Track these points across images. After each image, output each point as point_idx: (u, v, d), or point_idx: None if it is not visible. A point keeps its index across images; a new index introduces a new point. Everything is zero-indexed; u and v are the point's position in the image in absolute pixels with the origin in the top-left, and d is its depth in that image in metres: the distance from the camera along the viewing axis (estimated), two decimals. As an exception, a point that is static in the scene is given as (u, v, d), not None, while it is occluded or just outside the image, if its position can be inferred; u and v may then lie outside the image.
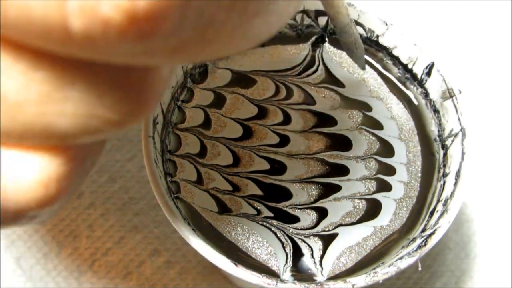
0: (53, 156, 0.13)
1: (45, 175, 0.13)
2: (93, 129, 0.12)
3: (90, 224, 0.36)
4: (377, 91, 0.32)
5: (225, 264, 0.24)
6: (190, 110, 0.31)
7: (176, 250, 0.36)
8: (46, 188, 0.13)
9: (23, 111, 0.11)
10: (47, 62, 0.11)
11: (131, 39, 0.10)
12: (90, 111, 0.12)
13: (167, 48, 0.11)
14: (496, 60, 0.43)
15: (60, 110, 0.12)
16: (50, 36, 0.10)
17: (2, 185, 0.13)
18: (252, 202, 0.29)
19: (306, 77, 0.32)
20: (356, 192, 0.29)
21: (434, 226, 0.27)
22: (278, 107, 0.31)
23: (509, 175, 0.39)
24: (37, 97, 0.11)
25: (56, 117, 0.12)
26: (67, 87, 0.11)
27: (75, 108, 0.12)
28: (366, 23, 0.32)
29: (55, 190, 0.13)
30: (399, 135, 0.31)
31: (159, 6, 0.10)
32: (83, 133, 0.12)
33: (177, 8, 0.10)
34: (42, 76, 0.11)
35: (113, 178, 0.38)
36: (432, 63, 0.30)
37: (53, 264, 0.35)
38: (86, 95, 0.12)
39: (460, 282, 0.37)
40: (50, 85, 0.11)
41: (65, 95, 0.11)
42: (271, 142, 0.30)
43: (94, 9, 0.10)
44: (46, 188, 0.13)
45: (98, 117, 0.12)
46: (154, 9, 0.10)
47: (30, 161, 0.13)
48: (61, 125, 0.12)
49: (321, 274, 0.28)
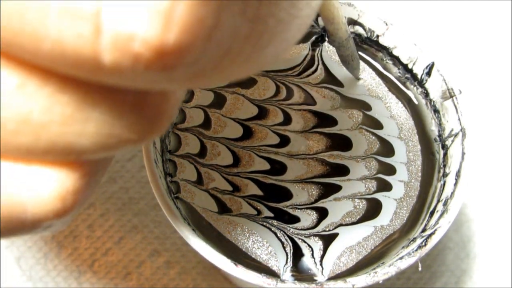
0: (70, 171, 0.14)
1: (63, 188, 0.14)
2: (110, 147, 0.13)
3: (90, 224, 0.36)
4: (375, 90, 0.32)
5: (225, 264, 0.24)
6: (190, 110, 0.31)
7: (176, 250, 0.36)
8: (63, 201, 0.14)
9: (46, 131, 0.12)
10: (71, 86, 0.12)
11: (156, 70, 0.11)
12: (109, 131, 0.13)
13: (187, 76, 0.12)
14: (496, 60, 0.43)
15: (81, 130, 0.12)
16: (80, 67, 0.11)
17: (23, 198, 0.13)
18: (252, 202, 0.29)
19: (306, 77, 0.32)
20: (356, 192, 0.29)
21: (434, 226, 0.27)
22: (278, 107, 0.31)
23: (509, 175, 0.39)
24: (61, 118, 0.12)
25: (77, 137, 0.12)
26: (89, 109, 0.12)
27: (95, 128, 0.12)
28: (366, 23, 0.32)
29: (71, 202, 0.14)
30: (399, 134, 0.31)
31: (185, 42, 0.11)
32: (101, 151, 0.13)
33: (200, 42, 0.11)
34: (66, 99, 0.12)
35: (113, 178, 0.38)
36: (432, 63, 0.30)
37: (53, 264, 0.35)
38: (106, 116, 0.12)
39: (460, 282, 0.37)
40: (73, 107, 0.12)
41: (86, 116, 0.12)
42: (271, 142, 0.30)
43: (127, 46, 0.10)
44: (63, 200, 0.14)
45: (116, 136, 0.13)
46: (181, 45, 0.11)
47: (49, 176, 0.14)
48: (81, 144, 0.13)
49: (321, 274, 0.28)
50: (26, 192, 0.13)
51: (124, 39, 0.10)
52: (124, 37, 0.10)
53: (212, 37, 0.11)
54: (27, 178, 0.13)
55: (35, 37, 0.10)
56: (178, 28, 0.10)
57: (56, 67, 0.11)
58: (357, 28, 0.33)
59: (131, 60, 0.11)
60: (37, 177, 0.13)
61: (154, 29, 0.10)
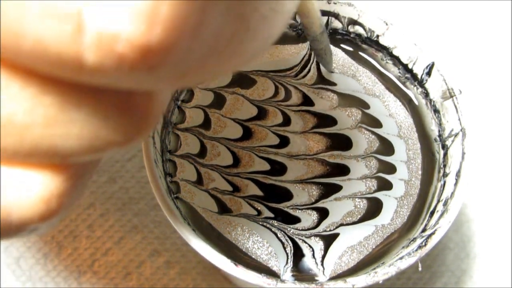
0: (55, 174, 0.14)
1: (47, 191, 0.13)
2: (96, 149, 0.13)
3: (90, 224, 0.36)
4: (372, 89, 0.32)
5: (225, 264, 0.24)
6: (190, 110, 0.31)
7: (176, 250, 0.36)
8: (48, 204, 0.14)
9: (30, 132, 0.12)
10: (54, 87, 0.12)
11: (141, 70, 0.11)
12: (94, 133, 0.12)
13: (172, 75, 0.12)
14: (496, 60, 0.43)
15: (66, 132, 0.12)
16: (63, 67, 0.11)
17: (7, 201, 0.13)
18: (253, 202, 0.29)
19: (302, 78, 0.32)
20: (357, 191, 0.29)
21: (434, 226, 0.27)
22: (278, 108, 0.31)
23: (509, 175, 0.39)
24: (44, 120, 0.12)
25: (62, 139, 0.12)
26: (73, 110, 0.12)
27: (80, 130, 0.12)
28: (366, 23, 0.32)
29: (56, 205, 0.14)
30: (398, 132, 0.31)
31: (170, 42, 0.11)
32: (86, 153, 0.13)
33: (185, 41, 0.11)
34: (49, 100, 0.12)
35: (113, 178, 0.38)
36: (432, 63, 0.30)
37: (52, 264, 0.35)
38: (91, 118, 0.12)
39: (460, 282, 0.37)
40: (56, 109, 0.12)
41: (70, 118, 0.12)
42: (271, 143, 0.30)
43: (110, 47, 0.10)
44: (48, 204, 0.14)
45: (101, 138, 0.13)
46: (165, 44, 0.11)
47: (34, 179, 0.13)
48: (66, 146, 0.12)
49: (322, 274, 0.28)
50: (10, 195, 0.13)
51: (107, 39, 0.10)
52: (107, 37, 0.10)
53: (197, 36, 0.11)
54: (11, 181, 0.13)
55: (15, 36, 0.10)
56: (163, 28, 0.10)
57: (39, 67, 0.11)
58: (357, 28, 0.33)
59: (115, 61, 0.10)
60: (21, 180, 0.13)
61: (138, 29, 0.10)
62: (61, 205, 0.14)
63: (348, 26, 0.33)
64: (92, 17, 0.10)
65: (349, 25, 0.33)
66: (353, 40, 0.33)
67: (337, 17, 0.32)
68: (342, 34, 0.33)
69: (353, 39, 0.33)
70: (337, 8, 0.32)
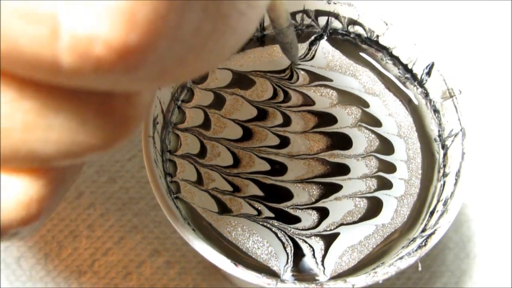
0: (34, 178, 0.13)
1: (27, 196, 0.13)
2: (75, 154, 0.13)
3: (90, 224, 0.36)
4: (372, 88, 0.32)
5: (225, 264, 0.24)
6: (190, 110, 0.31)
7: (176, 250, 0.36)
8: (27, 209, 0.13)
9: (8, 137, 0.12)
10: (32, 92, 0.12)
11: (119, 71, 0.11)
12: (73, 138, 0.12)
13: (151, 75, 0.12)
14: (496, 60, 0.43)
15: (44, 137, 0.12)
16: (39, 69, 0.11)
17: None
18: (253, 202, 0.29)
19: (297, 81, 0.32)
20: (357, 191, 0.29)
21: (434, 226, 0.27)
22: (278, 110, 0.31)
23: (509, 175, 0.39)
24: (22, 125, 0.12)
25: (40, 144, 0.12)
26: (51, 115, 0.12)
27: (58, 135, 0.12)
28: (366, 23, 0.32)
29: (36, 210, 0.14)
30: (398, 132, 0.31)
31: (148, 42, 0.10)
32: (65, 158, 0.13)
33: (163, 41, 0.11)
34: (27, 105, 0.12)
35: (113, 178, 0.38)
36: (432, 63, 0.30)
37: (53, 264, 0.35)
38: (70, 122, 0.12)
39: (460, 282, 0.37)
40: (34, 114, 0.12)
41: (49, 123, 0.12)
42: (271, 143, 0.30)
43: (87, 49, 0.10)
44: (28, 208, 0.13)
45: (80, 143, 0.12)
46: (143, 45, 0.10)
47: (13, 183, 0.13)
48: (45, 151, 0.12)
49: (323, 274, 0.28)
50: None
51: (84, 42, 0.10)
52: (83, 39, 0.10)
53: (176, 35, 0.11)
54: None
55: None
56: (140, 28, 0.10)
57: (15, 70, 0.11)
58: (357, 28, 0.33)
59: (92, 63, 0.10)
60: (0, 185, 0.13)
61: (115, 30, 0.10)
62: (41, 210, 0.14)
63: (348, 26, 0.33)
64: (68, 19, 0.10)
65: (349, 25, 0.33)
66: (353, 40, 0.33)
67: (337, 17, 0.32)
68: (342, 34, 0.33)
69: (353, 39, 0.33)
70: (337, 8, 0.32)
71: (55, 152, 0.12)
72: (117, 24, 0.10)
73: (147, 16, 0.10)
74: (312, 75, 0.32)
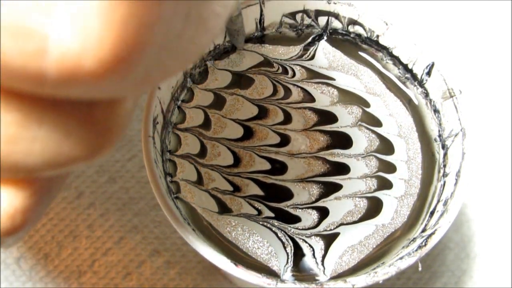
0: (19, 189, 0.14)
1: (12, 207, 0.13)
2: (60, 165, 0.13)
3: (90, 224, 0.36)
4: (373, 88, 0.32)
5: (225, 264, 0.24)
6: (190, 110, 0.31)
7: (176, 250, 0.36)
8: (12, 220, 0.14)
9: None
10: (14, 104, 0.12)
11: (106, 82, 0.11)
12: (57, 149, 0.12)
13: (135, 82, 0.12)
14: (496, 60, 0.43)
15: (28, 149, 0.12)
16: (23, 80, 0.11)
17: None
18: (253, 202, 0.29)
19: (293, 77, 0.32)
20: (357, 191, 0.29)
21: (434, 226, 0.27)
22: (278, 107, 0.31)
23: (509, 175, 0.39)
24: (6, 138, 0.12)
25: (24, 155, 0.12)
26: (34, 127, 0.12)
27: (42, 146, 0.12)
28: (366, 23, 0.32)
29: (20, 221, 0.14)
30: (399, 132, 0.31)
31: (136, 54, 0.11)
32: (49, 169, 0.13)
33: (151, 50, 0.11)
34: (10, 117, 0.12)
35: (113, 178, 0.38)
36: (432, 63, 0.30)
37: (53, 265, 0.35)
38: (53, 134, 0.12)
39: (460, 282, 0.36)
40: (18, 126, 0.12)
41: (32, 135, 0.12)
42: (272, 142, 0.30)
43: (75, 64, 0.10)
44: (13, 219, 0.14)
45: (64, 154, 0.13)
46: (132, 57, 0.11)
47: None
48: (29, 162, 0.12)
49: (323, 274, 0.28)
50: None
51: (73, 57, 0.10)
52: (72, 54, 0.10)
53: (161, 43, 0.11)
54: None
55: None
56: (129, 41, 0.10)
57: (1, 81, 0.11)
58: (357, 28, 0.33)
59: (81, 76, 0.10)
60: None
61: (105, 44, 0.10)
62: (26, 220, 0.14)
63: (348, 26, 0.33)
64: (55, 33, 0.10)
65: (349, 25, 0.33)
66: (353, 40, 0.33)
67: (337, 17, 0.32)
68: (342, 34, 0.33)
69: (353, 39, 0.33)
70: (337, 8, 0.32)
71: (39, 163, 0.12)
72: (106, 37, 0.10)
73: (136, 28, 0.10)
74: (312, 72, 0.32)
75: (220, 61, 0.32)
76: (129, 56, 0.11)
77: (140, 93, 0.14)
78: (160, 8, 0.11)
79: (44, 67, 0.10)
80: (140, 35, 0.10)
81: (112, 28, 0.10)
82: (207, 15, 0.12)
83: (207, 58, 0.32)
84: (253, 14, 0.32)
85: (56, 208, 0.37)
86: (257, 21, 0.32)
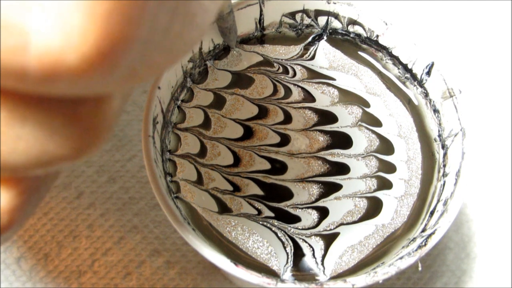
0: (5, 189, 0.13)
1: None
2: (45, 164, 0.13)
3: (90, 224, 0.36)
4: (373, 88, 0.32)
5: (225, 264, 0.24)
6: (190, 110, 0.31)
7: (176, 250, 0.36)
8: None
9: None
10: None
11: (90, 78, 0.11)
12: (42, 148, 0.12)
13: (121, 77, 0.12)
14: (496, 60, 0.43)
15: (12, 148, 0.12)
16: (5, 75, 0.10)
17: None
18: (253, 202, 0.29)
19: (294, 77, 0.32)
20: (357, 191, 0.29)
21: (434, 226, 0.27)
22: (278, 106, 0.31)
23: (509, 175, 0.39)
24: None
25: (8, 154, 0.12)
26: (19, 126, 0.12)
27: (26, 145, 0.12)
28: (366, 23, 0.32)
29: (7, 221, 0.14)
30: (399, 132, 0.31)
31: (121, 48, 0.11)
32: (35, 168, 0.13)
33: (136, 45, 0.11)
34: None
35: (113, 178, 0.38)
36: (432, 63, 0.30)
37: (53, 265, 0.35)
38: (37, 132, 0.12)
39: (460, 282, 0.36)
40: (2, 125, 0.12)
41: (16, 133, 0.12)
42: (272, 141, 0.30)
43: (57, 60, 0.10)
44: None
45: (49, 153, 0.12)
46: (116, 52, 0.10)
47: None
48: (13, 161, 0.12)
49: (323, 274, 0.28)
50: None
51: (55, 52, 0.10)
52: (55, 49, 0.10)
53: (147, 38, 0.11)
54: None
55: None
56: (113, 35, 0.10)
57: None
58: (356, 28, 0.33)
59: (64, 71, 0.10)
60: None
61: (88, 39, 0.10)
62: (13, 220, 0.14)
63: (348, 26, 0.33)
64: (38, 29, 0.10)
65: (348, 25, 0.33)
66: (352, 40, 0.33)
67: (337, 17, 0.32)
68: (342, 34, 0.33)
69: (352, 39, 0.33)
70: (337, 8, 0.32)
71: (23, 162, 0.12)
72: (89, 32, 0.10)
73: (120, 22, 0.10)
74: (313, 72, 0.32)
75: (220, 61, 0.32)
76: (113, 51, 0.10)
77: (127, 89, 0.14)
78: (145, 1, 0.11)
79: (26, 63, 0.10)
80: (124, 30, 0.10)
81: (95, 23, 0.10)
82: (195, 10, 0.12)
83: (207, 58, 0.32)
84: (253, 14, 0.32)
85: (56, 208, 0.37)
86: (257, 21, 0.32)
